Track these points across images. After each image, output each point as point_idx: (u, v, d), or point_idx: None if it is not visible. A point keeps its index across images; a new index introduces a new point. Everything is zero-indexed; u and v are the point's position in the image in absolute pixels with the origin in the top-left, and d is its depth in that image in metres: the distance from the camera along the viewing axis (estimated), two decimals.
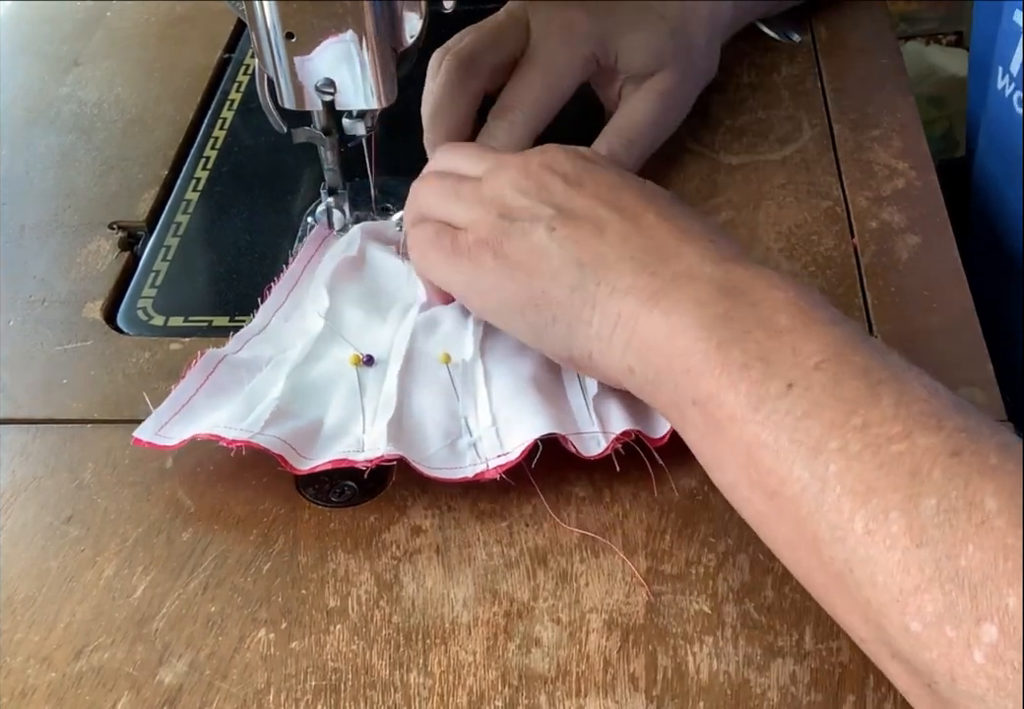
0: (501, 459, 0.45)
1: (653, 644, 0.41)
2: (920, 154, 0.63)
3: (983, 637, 0.31)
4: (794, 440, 0.36)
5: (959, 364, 0.51)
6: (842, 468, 0.35)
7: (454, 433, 0.47)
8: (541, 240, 0.45)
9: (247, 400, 0.48)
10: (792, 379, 0.37)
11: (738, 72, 0.70)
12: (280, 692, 0.41)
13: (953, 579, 0.32)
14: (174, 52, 0.76)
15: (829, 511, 0.35)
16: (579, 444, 0.46)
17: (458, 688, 0.40)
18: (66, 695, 0.41)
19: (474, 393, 0.49)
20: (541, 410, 0.46)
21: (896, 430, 0.35)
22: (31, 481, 0.49)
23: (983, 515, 0.32)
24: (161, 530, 0.46)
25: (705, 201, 0.61)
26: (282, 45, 0.51)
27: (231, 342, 0.52)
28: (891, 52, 0.71)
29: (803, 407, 0.36)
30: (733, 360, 0.38)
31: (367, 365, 0.50)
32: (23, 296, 0.58)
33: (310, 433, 0.47)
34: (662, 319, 0.41)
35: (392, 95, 0.53)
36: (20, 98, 0.73)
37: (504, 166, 0.48)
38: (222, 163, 0.67)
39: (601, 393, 0.47)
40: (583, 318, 0.44)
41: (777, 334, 0.38)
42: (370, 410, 0.48)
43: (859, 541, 0.34)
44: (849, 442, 0.35)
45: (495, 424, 0.47)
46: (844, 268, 0.56)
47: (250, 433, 0.46)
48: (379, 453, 0.45)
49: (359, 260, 0.56)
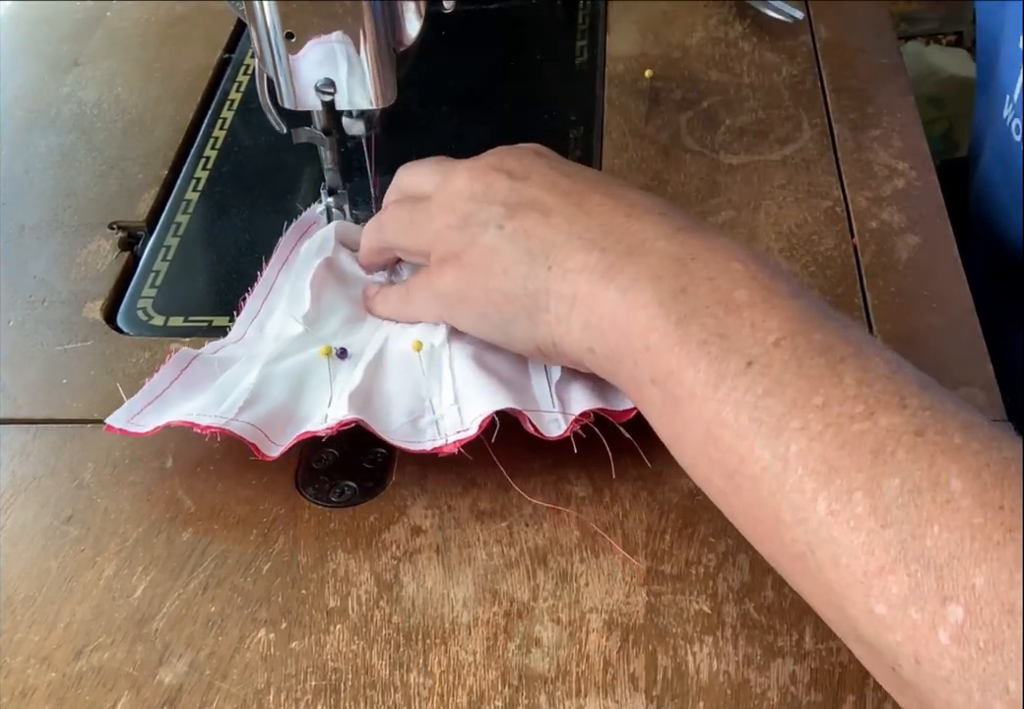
0: (460, 435, 0.46)
1: (653, 644, 0.41)
2: (920, 154, 0.63)
3: (949, 617, 0.30)
4: (754, 419, 0.36)
5: (959, 364, 0.51)
6: (803, 448, 0.34)
7: (417, 412, 0.48)
8: (492, 240, 0.45)
9: (220, 389, 0.49)
10: (752, 356, 0.36)
11: (738, 72, 0.70)
12: (280, 692, 0.41)
13: (918, 560, 0.31)
14: (174, 52, 0.76)
15: (791, 492, 0.34)
16: (539, 424, 0.46)
17: (458, 688, 0.40)
18: (66, 695, 0.41)
19: (440, 375, 0.49)
20: (501, 389, 0.46)
21: (858, 409, 0.34)
22: (31, 481, 0.49)
23: (948, 495, 0.32)
24: (161, 530, 0.46)
25: (705, 201, 0.61)
26: (282, 45, 0.51)
27: (207, 347, 0.53)
28: (891, 52, 0.71)
29: (763, 385, 0.36)
30: (691, 336, 0.38)
31: (340, 358, 0.50)
32: (23, 296, 0.58)
33: (282, 418, 0.48)
34: (618, 295, 0.40)
35: (392, 95, 0.53)
36: (20, 98, 0.73)
37: (451, 175, 0.48)
38: (222, 163, 0.67)
39: (564, 378, 0.48)
40: (540, 305, 0.43)
41: (736, 309, 0.38)
42: (337, 394, 0.48)
43: (822, 522, 0.33)
44: (810, 421, 0.34)
45: (457, 402, 0.47)
46: (844, 268, 0.56)
47: (224, 419, 0.46)
48: (338, 418, 0.46)
49: (335, 263, 0.55)
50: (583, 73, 0.72)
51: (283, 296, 0.55)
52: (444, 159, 0.52)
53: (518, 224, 0.45)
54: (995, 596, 0.30)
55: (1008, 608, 0.29)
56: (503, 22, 0.78)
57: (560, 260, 0.43)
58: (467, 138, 0.49)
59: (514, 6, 0.78)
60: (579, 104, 0.69)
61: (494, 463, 0.47)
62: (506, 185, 0.46)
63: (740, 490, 0.37)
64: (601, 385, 0.47)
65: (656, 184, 0.62)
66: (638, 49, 0.73)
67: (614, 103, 0.69)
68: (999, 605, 0.30)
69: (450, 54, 0.74)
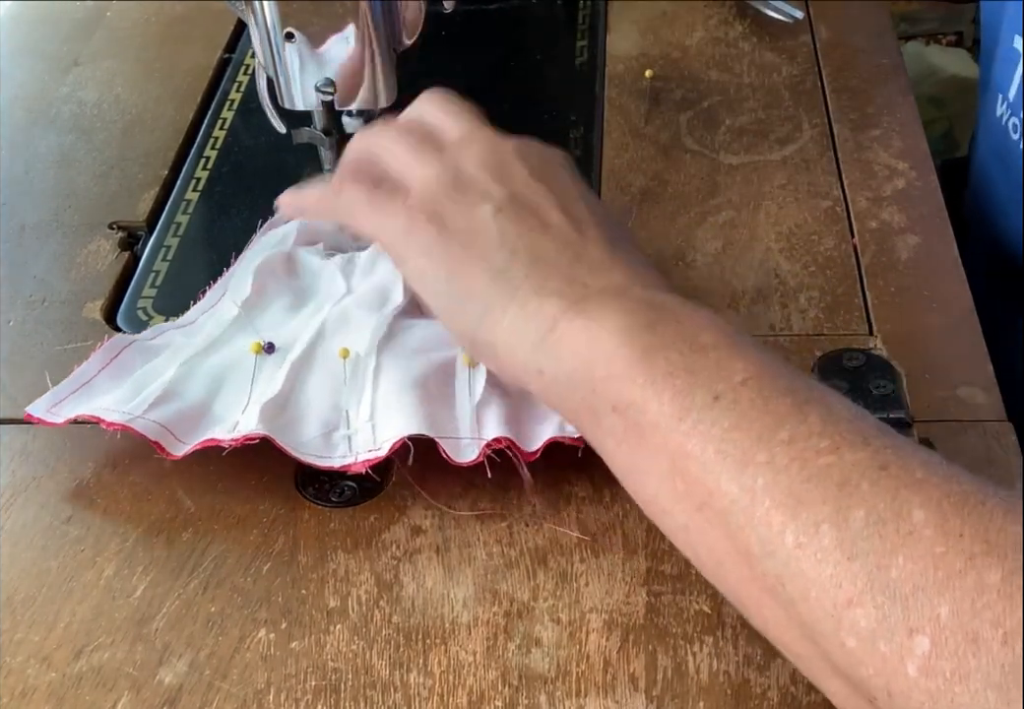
0: (371, 454, 0.45)
1: (653, 644, 0.41)
2: (920, 154, 0.63)
3: (915, 649, 0.30)
4: (720, 451, 0.36)
5: (959, 364, 0.51)
6: (770, 481, 0.34)
7: (332, 424, 0.47)
8: (484, 217, 0.44)
9: (136, 383, 0.49)
10: (718, 392, 0.37)
11: (738, 72, 0.70)
12: (280, 692, 0.41)
13: (884, 591, 0.31)
14: (174, 52, 0.76)
15: (759, 525, 0.34)
16: (454, 449, 0.45)
17: (458, 688, 0.40)
18: (66, 695, 0.41)
19: (361, 387, 0.48)
20: (419, 410, 0.46)
21: (824, 444, 0.34)
22: (31, 481, 0.49)
23: (911, 526, 0.32)
24: (161, 530, 0.46)
25: (705, 201, 0.61)
26: (282, 45, 0.51)
27: (147, 331, 0.53)
28: (891, 52, 0.71)
29: (730, 419, 0.36)
30: (658, 368, 0.38)
31: (267, 352, 0.50)
32: (23, 296, 0.58)
33: (194, 417, 0.48)
34: (584, 323, 0.40)
35: (392, 95, 0.53)
36: (20, 98, 0.73)
37: (477, 138, 0.47)
38: (222, 163, 0.67)
39: (485, 398, 0.47)
40: (498, 305, 0.43)
41: (702, 349, 0.38)
42: (256, 396, 0.48)
43: (790, 555, 0.33)
44: (776, 455, 0.35)
45: (372, 419, 0.47)
46: (844, 268, 0.56)
47: (130, 416, 0.46)
48: (244, 432, 0.46)
49: (287, 258, 0.55)
50: (583, 73, 0.72)
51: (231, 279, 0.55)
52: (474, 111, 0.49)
53: (515, 218, 0.44)
54: (959, 626, 0.30)
55: (972, 637, 0.30)
56: (503, 22, 0.78)
57: (539, 276, 0.42)
58: None
59: (514, 6, 0.78)
60: (579, 104, 0.69)
61: (494, 463, 0.47)
62: (523, 177, 0.46)
63: (708, 523, 0.37)
64: (517, 412, 0.47)
65: (656, 184, 0.62)
66: (638, 49, 0.73)
67: (614, 103, 0.69)
68: (963, 635, 0.30)
69: (450, 54, 0.74)
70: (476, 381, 0.48)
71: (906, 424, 0.47)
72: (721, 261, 0.57)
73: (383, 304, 0.51)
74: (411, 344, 0.50)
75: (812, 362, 0.51)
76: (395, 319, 0.50)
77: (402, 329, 0.50)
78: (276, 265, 0.54)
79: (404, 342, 0.50)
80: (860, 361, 0.50)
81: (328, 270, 0.54)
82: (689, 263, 0.57)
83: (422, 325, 0.50)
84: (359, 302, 0.52)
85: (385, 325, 0.50)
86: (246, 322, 0.51)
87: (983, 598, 0.30)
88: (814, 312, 0.54)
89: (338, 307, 0.52)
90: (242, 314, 0.51)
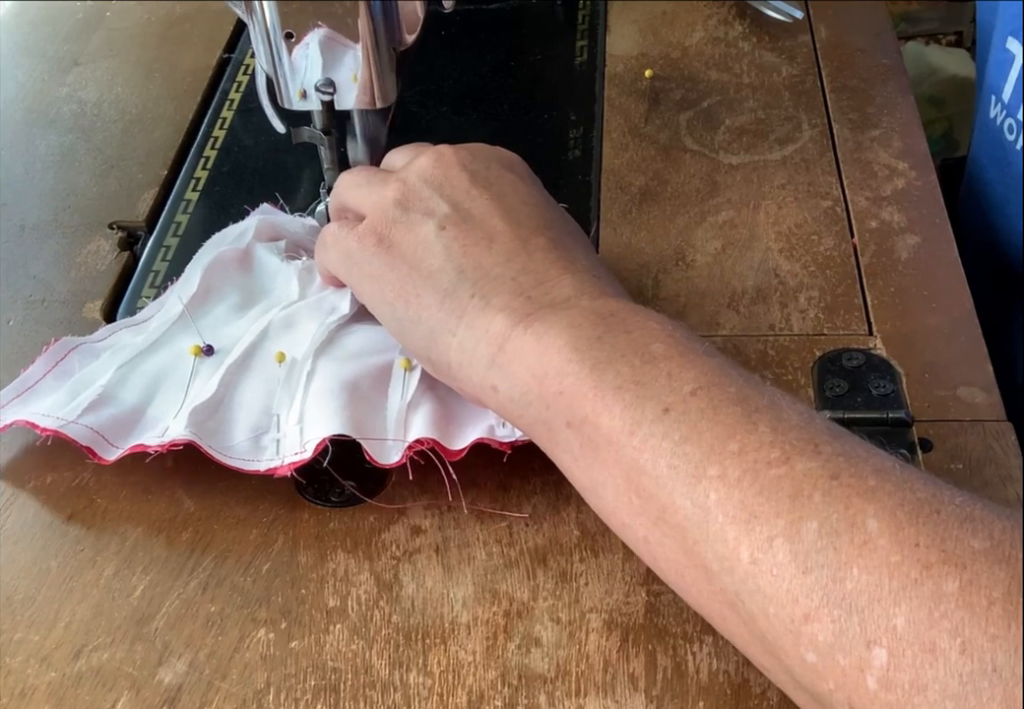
0: (296, 457, 0.45)
1: (653, 644, 0.41)
2: (920, 154, 0.63)
3: (873, 661, 0.30)
4: (672, 465, 0.36)
5: (959, 364, 0.51)
6: (723, 496, 0.34)
7: (262, 428, 0.47)
8: (428, 236, 0.45)
9: (72, 388, 0.49)
10: (668, 403, 0.36)
11: (738, 72, 0.70)
12: (280, 692, 0.41)
13: (840, 604, 0.31)
14: (174, 52, 0.76)
15: (715, 541, 0.34)
16: (378, 451, 0.45)
17: (458, 688, 0.40)
18: (66, 695, 0.41)
19: (294, 391, 0.48)
20: (344, 412, 0.46)
21: (774, 455, 0.34)
22: (31, 481, 0.49)
23: (865, 536, 0.32)
24: (161, 530, 0.46)
25: (705, 201, 0.61)
26: (282, 45, 0.51)
27: (99, 331, 0.53)
28: (891, 52, 0.71)
29: (680, 432, 0.36)
30: (607, 382, 0.38)
31: (206, 355, 0.50)
32: (23, 296, 0.58)
33: (128, 422, 0.48)
34: (533, 339, 0.40)
35: (392, 95, 0.53)
36: (20, 98, 0.73)
37: (420, 155, 0.48)
38: (222, 163, 0.67)
39: (416, 400, 0.47)
40: (447, 327, 0.43)
41: (652, 360, 0.38)
42: (190, 399, 0.48)
43: (747, 572, 0.33)
44: (728, 468, 0.34)
45: (300, 422, 0.47)
46: (844, 268, 0.56)
47: (63, 422, 0.46)
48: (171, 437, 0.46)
49: (243, 255, 0.55)
50: (583, 73, 0.72)
51: None
52: (428, 145, 0.51)
53: (459, 235, 0.44)
54: (915, 636, 0.30)
55: (928, 648, 0.29)
56: (503, 22, 0.78)
57: (485, 293, 0.42)
58: (467, 138, 0.49)
59: (514, 6, 0.78)
60: (579, 104, 0.69)
61: (494, 463, 0.47)
62: (464, 186, 0.46)
63: (665, 536, 0.36)
64: (447, 413, 0.47)
65: (656, 184, 0.62)
66: (638, 49, 0.73)
67: (614, 103, 0.69)
68: (920, 645, 0.30)
69: (450, 54, 0.74)
70: (411, 383, 0.48)
71: (906, 424, 0.47)
72: (721, 261, 0.57)
73: (330, 313, 0.51)
74: (351, 348, 0.50)
75: (812, 362, 0.51)
76: (338, 326, 0.50)
77: (343, 334, 0.50)
78: (230, 261, 0.54)
79: (343, 346, 0.50)
80: (860, 361, 0.50)
81: (285, 274, 0.54)
82: (689, 263, 0.57)
83: (364, 329, 0.50)
84: (308, 309, 0.52)
85: (326, 332, 0.50)
86: (189, 322, 0.51)
87: (940, 607, 0.30)
88: (814, 312, 0.54)
89: (285, 312, 0.52)
90: (186, 313, 0.51)
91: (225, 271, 0.54)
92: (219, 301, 0.53)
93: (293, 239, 0.57)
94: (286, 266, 0.54)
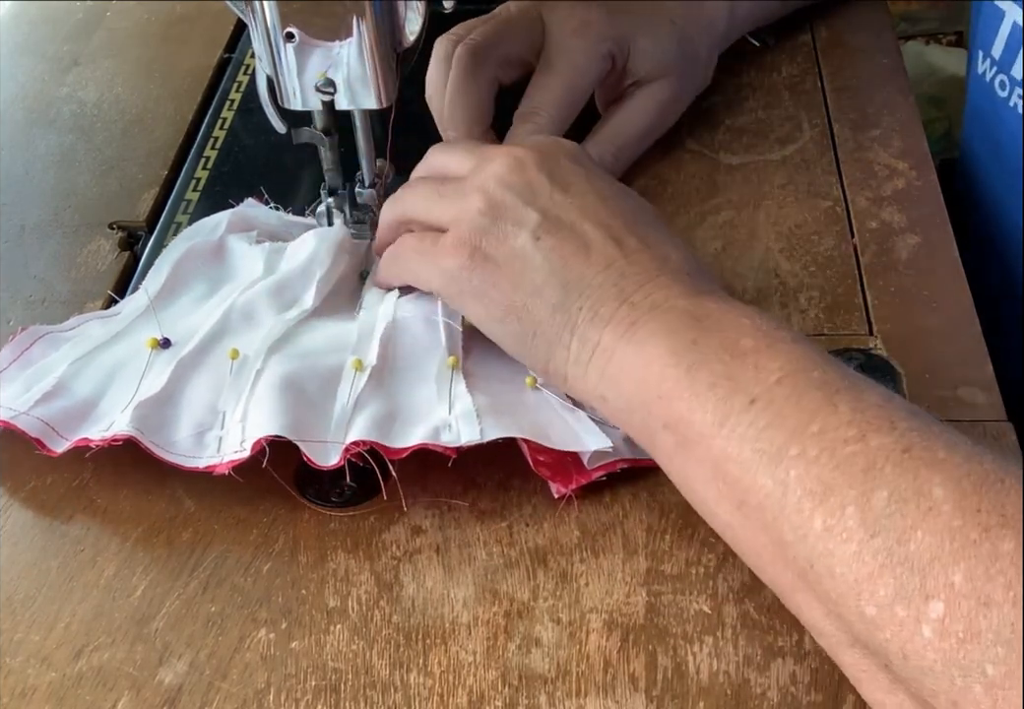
0: (236, 455, 0.45)
1: (653, 644, 0.41)
2: (920, 154, 0.63)
3: (931, 613, 0.32)
4: (756, 450, 0.38)
5: (959, 364, 0.51)
6: (801, 472, 0.36)
7: (207, 424, 0.47)
8: (525, 248, 0.45)
9: (29, 379, 0.49)
10: (755, 394, 0.39)
11: (738, 72, 0.70)
12: (280, 692, 0.41)
13: (903, 563, 0.33)
14: (174, 52, 0.76)
15: (791, 513, 0.36)
16: (316, 453, 0.45)
17: (458, 688, 0.40)
18: (66, 695, 0.41)
19: (240, 389, 0.48)
20: (286, 412, 0.45)
21: (851, 433, 0.36)
22: (31, 481, 0.49)
23: (931, 502, 0.34)
24: (161, 530, 0.46)
25: (705, 201, 0.61)
26: (282, 45, 0.51)
27: (70, 320, 0.53)
28: (891, 52, 0.71)
29: (765, 419, 0.38)
30: (701, 381, 0.40)
31: (163, 347, 0.50)
32: (23, 296, 0.58)
33: (79, 415, 0.48)
34: (636, 349, 0.42)
35: (392, 95, 0.53)
36: (20, 98, 0.73)
37: (490, 159, 0.48)
38: (222, 163, 0.67)
39: (362, 400, 0.47)
40: (562, 341, 0.44)
41: (741, 355, 0.40)
42: (140, 393, 0.48)
43: (819, 537, 0.36)
44: (807, 447, 0.37)
45: (244, 420, 0.46)
46: (844, 268, 0.56)
47: (15, 413, 0.46)
48: (114, 432, 0.46)
49: (216, 247, 0.55)
50: None
51: None
52: (479, 143, 0.51)
53: (556, 244, 0.45)
54: (972, 590, 0.32)
55: (984, 601, 0.32)
56: None
57: (592, 304, 0.44)
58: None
59: None
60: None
61: (494, 463, 0.47)
62: (546, 189, 0.46)
63: (747, 519, 0.39)
64: (393, 413, 0.46)
65: (656, 184, 0.62)
66: None
67: None
68: (976, 598, 0.32)
69: None
70: (359, 384, 0.47)
71: None
72: (721, 261, 0.57)
73: (292, 304, 0.51)
74: (306, 346, 0.49)
75: None
76: (297, 323, 0.50)
77: (302, 330, 0.50)
78: (202, 253, 0.54)
79: (297, 344, 0.50)
80: (860, 361, 0.50)
81: (252, 255, 0.54)
82: None
83: (324, 326, 0.50)
84: (269, 295, 0.51)
85: (284, 328, 0.50)
86: (151, 315, 0.51)
87: (996, 565, 0.32)
88: (814, 312, 0.54)
89: (244, 297, 0.51)
90: (150, 306, 0.51)
91: (195, 263, 0.54)
92: (185, 292, 0.53)
93: (266, 230, 0.57)
94: (252, 249, 0.54)
